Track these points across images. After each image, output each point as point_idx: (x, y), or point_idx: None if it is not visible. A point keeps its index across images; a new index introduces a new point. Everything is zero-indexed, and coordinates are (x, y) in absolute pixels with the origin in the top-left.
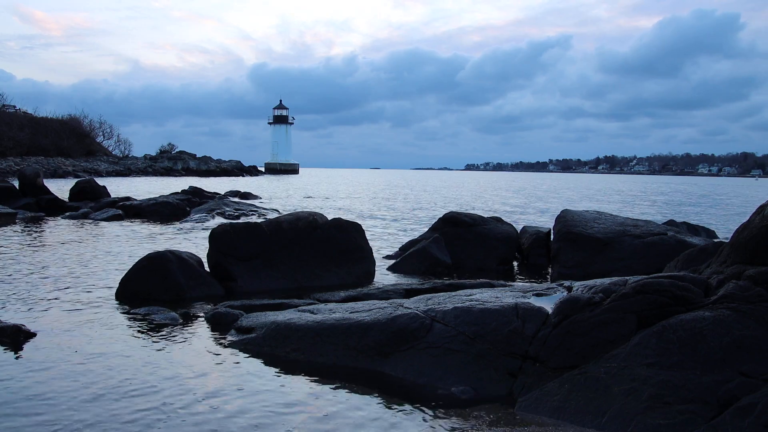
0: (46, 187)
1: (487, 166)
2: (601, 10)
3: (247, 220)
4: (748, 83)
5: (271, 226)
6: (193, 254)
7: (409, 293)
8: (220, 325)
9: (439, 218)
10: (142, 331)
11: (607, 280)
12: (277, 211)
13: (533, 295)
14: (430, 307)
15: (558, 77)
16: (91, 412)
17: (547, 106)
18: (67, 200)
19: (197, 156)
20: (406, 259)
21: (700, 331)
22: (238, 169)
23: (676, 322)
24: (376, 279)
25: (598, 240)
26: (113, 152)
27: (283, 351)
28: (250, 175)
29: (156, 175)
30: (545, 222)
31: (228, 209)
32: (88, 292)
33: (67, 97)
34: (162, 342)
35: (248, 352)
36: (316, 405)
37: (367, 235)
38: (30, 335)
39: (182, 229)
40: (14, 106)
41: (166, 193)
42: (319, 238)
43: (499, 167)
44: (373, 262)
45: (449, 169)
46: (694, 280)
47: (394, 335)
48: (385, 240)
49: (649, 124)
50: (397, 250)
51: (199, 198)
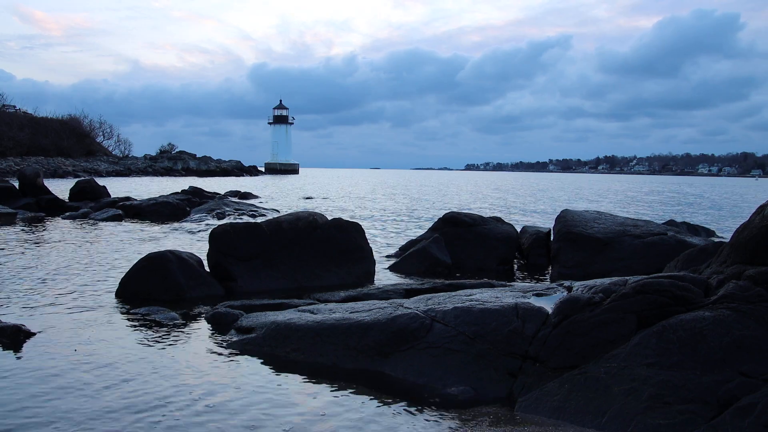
0: (46, 187)
1: (487, 166)
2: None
3: (247, 220)
4: (748, 83)
5: (271, 226)
6: (193, 254)
7: (409, 293)
8: (220, 325)
9: (439, 218)
10: (142, 331)
11: (607, 280)
12: (277, 211)
13: (533, 295)
14: (430, 307)
15: (558, 77)
16: (90, 412)
17: (547, 106)
18: (67, 200)
19: (197, 156)
20: (406, 259)
21: (700, 331)
22: (238, 169)
23: (676, 322)
24: (376, 279)
25: (598, 240)
26: (113, 152)
27: (283, 351)
28: (250, 175)
29: (156, 175)
30: (545, 222)
31: (228, 209)
32: (88, 292)
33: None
34: (162, 342)
35: (248, 352)
36: (316, 405)
37: (367, 235)
38: (30, 335)
39: (182, 229)
40: (14, 106)
41: (166, 193)
42: (319, 238)
43: (499, 167)
44: (373, 262)
45: (449, 169)
46: (694, 280)
47: (394, 335)
48: (385, 240)
49: (649, 124)
50: (397, 250)
51: (199, 198)
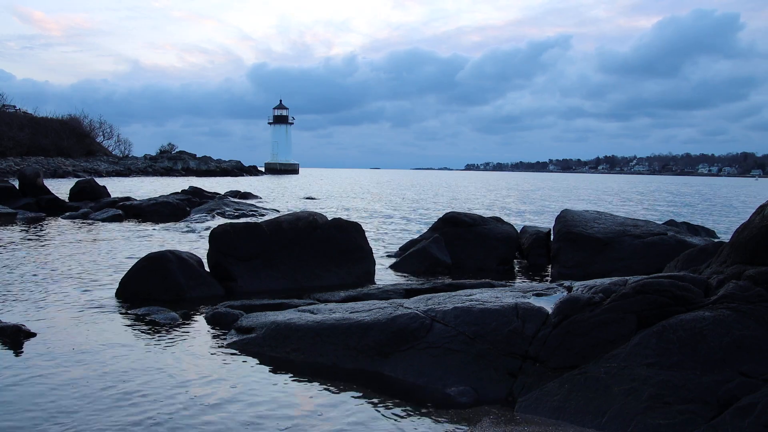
0: (46, 187)
1: (487, 166)
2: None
3: (247, 221)
4: (748, 83)
5: (271, 226)
6: (193, 254)
7: (409, 293)
8: (220, 325)
9: (439, 218)
10: (142, 331)
11: (607, 280)
12: (277, 211)
13: (533, 295)
14: (430, 307)
15: (558, 77)
16: (90, 412)
17: (547, 106)
18: (67, 200)
19: (197, 156)
20: (406, 259)
21: (700, 331)
22: (238, 169)
23: (676, 322)
24: (376, 279)
25: (598, 240)
26: (113, 152)
27: (283, 351)
28: (250, 175)
29: (156, 175)
30: (545, 222)
31: (228, 209)
32: (88, 292)
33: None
34: (162, 342)
35: (248, 352)
36: (316, 405)
37: (367, 235)
38: (30, 335)
39: (182, 229)
40: (14, 106)
41: (166, 193)
42: (319, 238)
43: (499, 167)
44: (373, 262)
45: (449, 169)
46: (694, 280)
47: (394, 335)
48: (385, 240)
49: (649, 124)
50: (397, 250)
51: (199, 198)
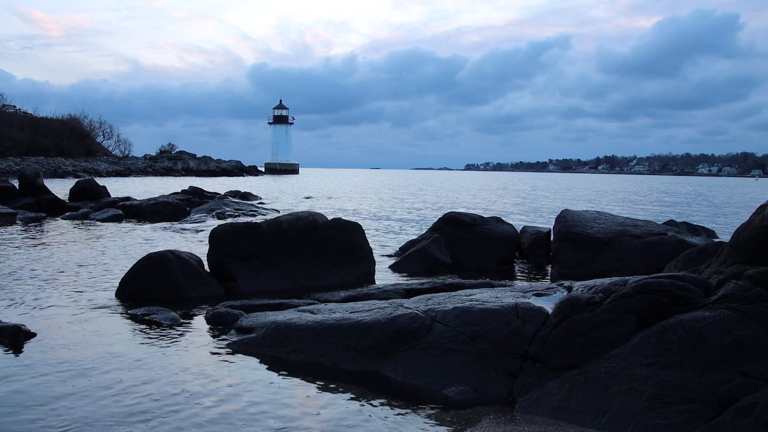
0: (46, 187)
1: (487, 166)
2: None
3: (247, 221)
4: (748, 83)
5: (271, 226)
6: (193, 254)
7: (409, 293)
8: (220, 325)
9: (439, 218)
10: (142, 331)
11: (607, 280)
12: (277, 211)
13: (533, 295)
14: (430, 307)
15: (558, 77)
16: (89, 411)
17: (547, 106)
18: (67, 200)
19: (197, 156)
20: (406, 259)
21: (700, 331)
22: (238, 169)
23: (676, 322)
24: (376, 279)
25: (598, 240)
26: (113, 152)
27: (283, 351)
28: (250, 175)
29: (156, 175)
30: (545, 222)
31: (228, 209)
32: (88, 292)
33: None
34: (162, 342)
35: (248, 352)
36: (315, 405)
37: (367, 235)
38: (30, 335)
39: (182, 229)
40: (14, 106)
41: (166, 193)
42: (319, 238)
43: (499, 167)
44: (373, 262)
45: (449, 169)
46: (694, 280)
47: (394, 335)
48: (385, 240)
49: (649, 124)
50: (397, 250)
51: (199, 198)
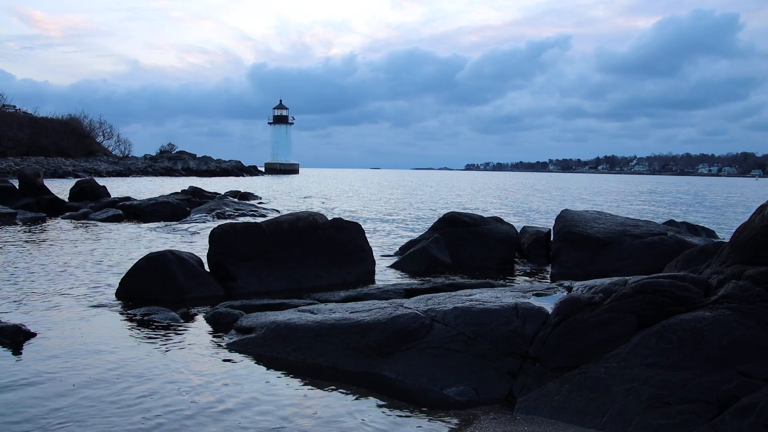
0: (46, 187)
1: (487, 166)
2: (599, 11)
3: (247, 221)
4: (748, 83)
5: (271, 226)
6: (193, 254)
7: (409, 293)
8: (220, 326)
9: (439, 218)
10: (142, 331)
11: (607, 280)
12: (277, 211)
13: (533, 295)
14: (430, 307)
15: (557, 77)
16: (89, 412)
17: (547, 106)
18: (67, 200)
19: (197, 156)
20: (406, 259)
21: (700, 331)
22: (238, 169)
23: (676, 322)
24: (376, 279)
25: (598, 240)
26: (113, 152)
27: (283, 351)
28: (250, 175)
29: (156, 175)
30: (545, 222)
31: (228, 209)
32: (88, 292)
33: (67, 97)
34: (162, 342)
35: (248, 352)
36: (315, 405)
37: (367, 235)
38: (30, 335)
39: (182, 229)
40: (14, 106)
41: (166, 193)
42: (319, 238)
43: (499, 167)
44: (373, 262)
45: (449, 169)
46: (694, 280)
47: (394, 335)
48: (385, 240)
49: (649, 124)
50: (397, 250)
51: (199, 198)
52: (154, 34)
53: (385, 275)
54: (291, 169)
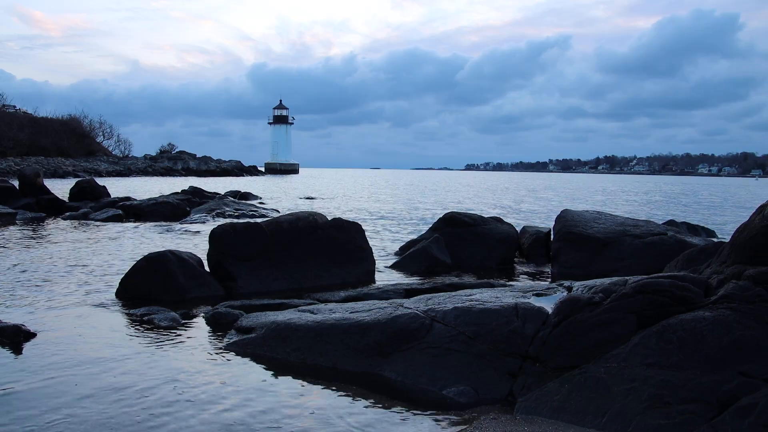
0: (46, 187)
1: (488, 166)
2: (599, 11)
3: (247, 221)
4: (748, 83)
5: (271, 226)
6: (193, 254)
7: (409, 293)
8: (219, 326)
9: (439, 218)
10: (142, 331)
11: (607, 280)
12: (277, 211)
13: (533, 295)
14: (430, 307)
15: (557, 77)
16: (89, 412)
17: (547, 106)
18: (67, 200)
19: (197, 156)
20: (406, 259)
21: (700, 331)
22: (238, 169)
23: (676, 322)
24: (376, 279)
25: (598, 240)
26: (113, 152)
27: (283, 351)
28: (250, 175)
29: (156, 175)
30: (545, 222)
31: (228, 209)
32: (88, 292)
33: (67, 97)
34: (162, 342)
35: (248, 352)
36: (315, 405)
37: (367, 235)
38: (30, 335)
39: (182, 229)
40: (14, 106)
41: (166, 193)
42: (319, 238)
43: (500, 167)
44: (373, 262)
45: (449, 169)
46: (694, 280)
47: (394, 335)
48: (385, 240)
49: (649, 124)
50: (397, 250)
51: (199, 198)
52: (154, 34)
53: (385, 275)
54: (291, 169)
